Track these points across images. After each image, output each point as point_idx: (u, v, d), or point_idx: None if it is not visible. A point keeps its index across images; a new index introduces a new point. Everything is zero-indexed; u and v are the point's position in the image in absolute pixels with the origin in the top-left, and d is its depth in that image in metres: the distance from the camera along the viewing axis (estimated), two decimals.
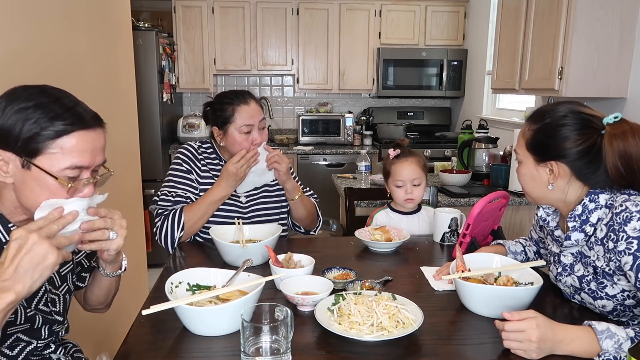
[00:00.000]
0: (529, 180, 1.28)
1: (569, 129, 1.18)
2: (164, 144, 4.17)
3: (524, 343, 1.01)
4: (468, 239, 1.62)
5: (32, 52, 1.67)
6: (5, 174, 0.99)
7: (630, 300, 1.19)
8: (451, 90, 4.70)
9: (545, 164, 1.22)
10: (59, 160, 0.98)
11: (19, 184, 0.99)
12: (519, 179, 1.31)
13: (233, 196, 1.85)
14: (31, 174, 0.98)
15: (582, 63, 2.50)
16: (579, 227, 1.22)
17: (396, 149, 1.94)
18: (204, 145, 1.93)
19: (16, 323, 1.07)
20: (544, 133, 1.22)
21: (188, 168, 1.83)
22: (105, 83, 2.29)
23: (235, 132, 1.79)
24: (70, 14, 1.95)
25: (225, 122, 1.80)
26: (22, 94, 0.99)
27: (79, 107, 1.02)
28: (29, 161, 0.97)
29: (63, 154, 0.98)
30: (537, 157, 1.24)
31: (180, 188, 1.80)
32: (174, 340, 1.11)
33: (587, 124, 1.17)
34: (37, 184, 0.98)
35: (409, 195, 1.90)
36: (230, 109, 1.80)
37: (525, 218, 2.73)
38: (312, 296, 1.24)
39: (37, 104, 0.98)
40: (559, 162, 1.20)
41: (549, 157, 1.21)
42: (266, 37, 4.54)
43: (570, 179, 1.21)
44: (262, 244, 1.52)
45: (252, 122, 1.80)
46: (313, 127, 4.70)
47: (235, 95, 1.84)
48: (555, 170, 1.21)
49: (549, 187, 1.23)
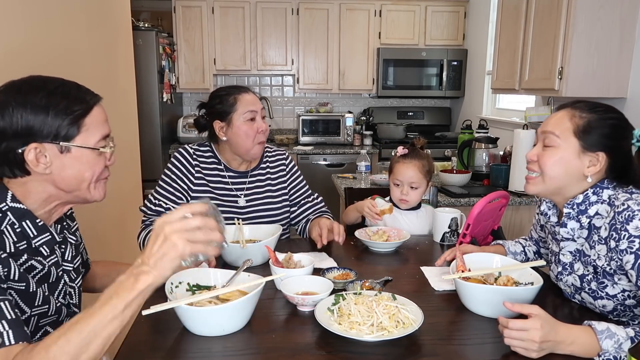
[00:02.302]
0: (562, 165, 1.22)
1: (630, 129, 1.21)
2: (164, 144, 4.17)
3: (526, 342, 1.01)
4: (468, 239, 1.62)
5: (32, 52, 1.67)
6: (45, 165, 1.03)
7: (631, 300, 1.19)
8: (451, 90, 4.70)
9: (594, 154, 1.21)
10: (92, 135, 1.06)
11: (59, 170, 1.04)
12: (545, 161, 1.24)
13: (231, 200, 1.83)
14: (71, 155, 1.04)
15: (582, 63, 2.50)
16: (575, 215, 1.22)
17: (404, 148, 1.95)
18: (201, 148, 1.88)
19: (48, 314, 1.09)
20: (606, 124, 1.20)
21: (180, 175, 1.80)
22: (105, 83, 2.29)
23: (240, 119, 1.76)
24: (70, 14, 1.95)
25: (228, 112, 1.77)
26: (26, 87, 1.01)
27: (81, 86, 1.10)
28: (67, 145, 1.03)
29: (94, 127, 1.07)
30: (587, 144, 1.20)
31: (166, 197, 1.78)
32: (174, 341, 1.11)
33: (632, 128, 1.23)
34: (79, 161, 1.05)
35: (404, 197, 1.91)
36: (232, 98, 1.78)
37: (525, 218, 2.73)
38: (312, 296, 1.24)
39: (50, 93, 1.02)
40: (608, 155, 1.20)
41: (601, 148, 1.20)
42: (266, 37, 4.54)
43: (601, 173, 1.22)
44: (262, 244, 1.52)
45: (255, 108, 1.79)
46: (313, 127, 4.70)
47: (233, 87, 1.83)
48: (600, 161, 1.20)
49: (585, 174, 1.22)
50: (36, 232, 1.06)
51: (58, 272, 1.13)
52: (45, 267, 1.09)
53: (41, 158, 1.02)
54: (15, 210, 1.03)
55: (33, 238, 1.06)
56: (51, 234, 1.10)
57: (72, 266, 1.18)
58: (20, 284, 0.99)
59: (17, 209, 1.03)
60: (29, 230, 1.05)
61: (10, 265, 0.97)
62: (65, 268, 1.16)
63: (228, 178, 1.86)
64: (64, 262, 1.16)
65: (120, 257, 2.25)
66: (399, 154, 1.95)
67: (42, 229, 1.07)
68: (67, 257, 1.17)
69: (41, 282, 1.07)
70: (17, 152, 1.00)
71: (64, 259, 1.16)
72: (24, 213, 1.04)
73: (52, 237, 1.10)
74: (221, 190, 1.83)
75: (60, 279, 1.14)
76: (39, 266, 1.07)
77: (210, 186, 1.82)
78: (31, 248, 1.06)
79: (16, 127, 0.99)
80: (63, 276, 1.15)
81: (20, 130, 0.99)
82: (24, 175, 1.03)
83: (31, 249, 1.06)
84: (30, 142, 1.00)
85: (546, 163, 1.24)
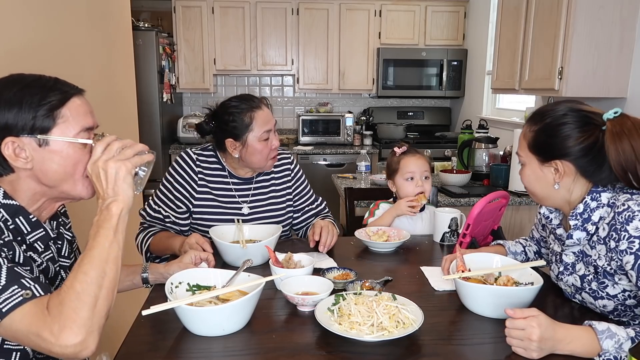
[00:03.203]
0: (534, 181, 1.27)
1: (570, 127, 1.18)
2: (164, 144, 4.17)
3: (524, 341, 1.02)
4: (468, 239, 1.62)
5: (32, 52, 1.67)
6: (26, 159, 1.02)
7: (631, 300, 1.19)
8: (451, 90, 4.70)
9: (550, 164, 1.22)
10: (70, 127, 1.04)
11: (40, 165, 1.03)
12: (522, 180, 1.31)
13: (234, 207, 1.80)
14: (50, 149, 1.03)
15: (582, 63, 2.50)
16: (580, 225, 1.22)
17: (402, 147, 1.95)
18: (205, 153, 1.82)
19: None
20: (545, 133, 1.22)
21: (181, 182, 1.76)
22: (105, 83, 2.28)
23: (255, 140, 1.70)
24: (70, 14, 1.95)
25: (243, 132, 1.70)
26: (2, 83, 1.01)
27: (60, 80, 1.08)
28: (44, 137, 1.01)
29: (72, 119, 1.04)
30: (541, 157, 1.23)
31: (166, 204, 1.75)
32: (174, 341, 1.11)
33: (588, 120, 1.18)
34: (59, 155, 1.03)
35: (420, 188, 1.89)
36: (247, 117, 1.70)
37: (525, 218, 2.73)
38: (312, 296, 1.24)
39: (24, 86, 1.01)
40: (563, 161, 1.20)
41: (552, 157, 1.21)
42: (266, 37, 4.54)
43: (576, 177, 1.21)
44: (262, 244, 1.51)
45: (270, 127, 1.73)
46: (313, 127, 4.70)
47: (244, 100, 1.74)
48: (561, 169, 1.21)
49: (555, 187, 1.23)
50: (30, 228, 1.06)
51: (55, 267, 1.13)
52: (43, 262, 1.09)
53: (21, 153, 1.01)
54: (8, 206, 1.03)
55: (27, 234, 1.05)
56: (45, 229, 1.09)
57: (69, 262, 1.18)
58: (25, 268, 0.98)
59: (9, 206, 1.03)
60: (22, 226, 1.05)
61: (15, 249, 0.98)
62: (63, 264, 1.16)
63: (232, 185, 1.82)
64: (60, 257, 1.16)
65: None
66: (398, 153, 1.94)
67: (36, 224, 1.07)
68: (63, 253, 1.17)
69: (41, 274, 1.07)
70: None
71: (60, 254, 1.16)
72: (17, 209, 1.04)
73: (46, 232, 1.09)
74: (225, 198, 1.80)
75: (58, 274, 1.14)
76: (38, 259, 1.07)
77: (214, 193, 1.79)
78: (26, 244, 1.05)
79: None
80: (60, 272, 1.15)
81: None
82: (9, 172, 1.03)
83: (26, 244, 1.05)
84: (4, 136, 0.99)
85: (523, 181, 1.31)
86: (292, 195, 1.92)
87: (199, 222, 1.78)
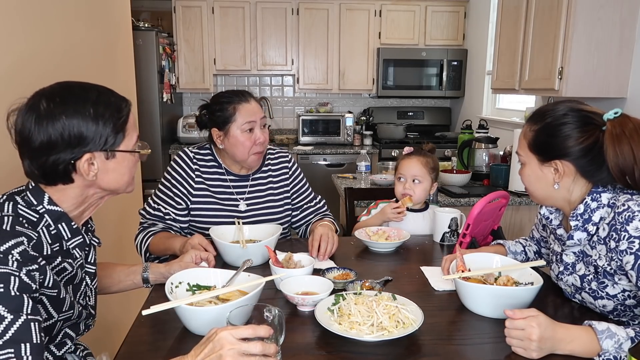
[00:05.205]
0: (534, 181, 1.27)
1: (570, 127, 1.18)
2: (164, 144, 4.17)
3: (524, 341, 1.02)
4: (468, 239, 1.62)
5: (32, 52, 1.67)
6: (94, 173, 1.05)
7: (631, 300, 1.19)
8: (451, 90, 4.70)
9: (550, 164, 1.22)
10: (131, 138, 1.12)
11: (102, 174, 1.07)
12: (523, 180, 1.31)
13: (232, 204, 1.82)
14: (115, 160, 1.08)
15: (582, 63, 2.50)
16: (581, 226, 1.22)
17: (410, 148, 1.98)
18: (202, 151, 1.85)
19: (71, 319, 1.10)
20: (545, 133, 1.22)
21: (179, 179, 1.78)
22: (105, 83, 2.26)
23: (238, 131, 1.73)
24: (70, 14, 1.95)
25: (226, 122, 1.74)
26: (69, 97, 1.03)
27: (114, 92, 1.12)
28: (113, 151, 1.07)
29: (132, 130, 1.12)
30: (541, 157, 1.23)
31: (165, 201, 1.77)
32: (174, 341, 1.11)
33: (588, 120, 1.18)
34: (121, 165, 1.10)
35: (407, 191, 1.90)
36: (231, 107, 1.74)
37: (525, 218, 2.73)
38: (312, 296, 1.24)
39: (94, 102, 1.04)
40: (563, 161, 1.20)
41: (552, 157, 1.21)
42: (266, 37, 4.54)
43: (576, 177, 1.21)
44: (262, 244, 1.51)
45: (254, 118, 1.75)
46: (313, 127, 4.70)
47: (235, 94, 1.78)
48: (560, 169, 1.21)
49: (554, 187, 1.23)
50: (70, 235, 1.08)
51: (82, 274, 1.15)
52: (74, 269, 1.11)
53: (91, 167, 1.04)
54: (52, 212, 1.05)
55: (67, 240, 1.08)
56: (83, 236, 1.11)
57: (94, 269, 1.20)
58: (52, 291, 1.01)
59: (53, 212, 1.05)
60: (63, 232, 1.07)
61: (46, 273, 0.99)
62: (88, 270, 1.18)
63: (229, 182, 1.84)
64: (87, 264, 1.18)
65: (120, 257, 2.25)
66: (404, 153, 1.98)
67: (76, 231, 1.09)
68: (90, 260, 1.19)
69: (68, 284, 1.09)
70: (69, 162, 1.01)
71: (87, 260, 1.18)
72: (60, 215, 1.06)
73: (83, 239, 1.12)
74: (222, 195, 1.82)
75: (83, 280, 1.16)
76: (70, 268, 1.09)
77: (211, 190, 1.80)
78: (64, 250, 1.07)
79: (68, 138, 1.00)
80: (85, 278, 1.17)
81: (72, 141, 1.01)
82: (68, 182, 1.05)
83: (64, 251, 1.07)
84: (83, 152, 1.02)
85: (523, 181, 1.31)
86: (290, 194, 1.93)
87: (196, 218, 1.79)
